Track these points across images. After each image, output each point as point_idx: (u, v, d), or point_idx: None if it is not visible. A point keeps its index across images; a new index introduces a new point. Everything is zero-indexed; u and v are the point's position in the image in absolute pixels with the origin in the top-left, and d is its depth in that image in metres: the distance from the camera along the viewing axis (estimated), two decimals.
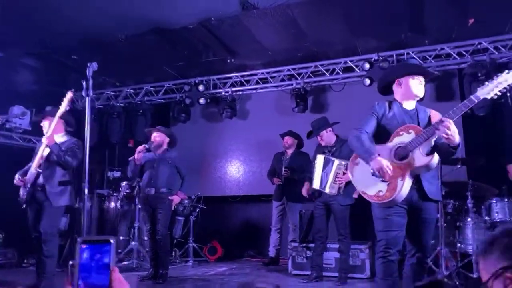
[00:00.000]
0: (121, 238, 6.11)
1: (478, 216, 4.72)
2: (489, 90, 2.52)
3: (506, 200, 4.59)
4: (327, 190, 4.43)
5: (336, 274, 4.67)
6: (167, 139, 4.89)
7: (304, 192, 4.94)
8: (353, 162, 2.91)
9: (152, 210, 4.67)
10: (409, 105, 2.88)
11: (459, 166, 4.61)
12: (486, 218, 4.68)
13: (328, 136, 4.69)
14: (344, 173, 4.32)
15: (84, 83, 2.99)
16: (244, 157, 7.36)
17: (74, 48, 6.00)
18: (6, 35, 5.53)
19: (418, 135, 2.64)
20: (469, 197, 4.65)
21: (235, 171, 7.39)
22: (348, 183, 4.34)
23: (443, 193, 4.57)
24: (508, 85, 2.50)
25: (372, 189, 2.72)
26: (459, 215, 4.89)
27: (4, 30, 5.41)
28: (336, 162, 4.38)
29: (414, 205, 2.72)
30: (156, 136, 4.79)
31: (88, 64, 3.00)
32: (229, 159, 7.46)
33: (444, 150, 2.68)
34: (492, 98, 2.55)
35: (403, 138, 2.71)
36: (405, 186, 2.62)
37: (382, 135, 2.81)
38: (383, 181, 2.67)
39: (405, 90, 2.85)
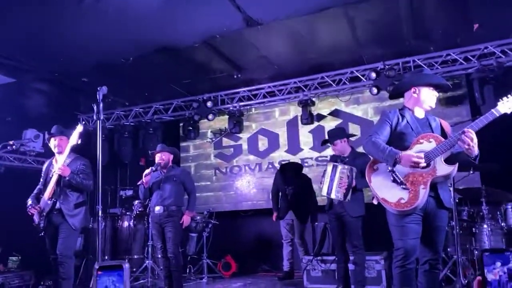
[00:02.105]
0: (135, 256, 6.13)
1: (494, 222, 4.65)
2: (510, 105, 2.59)
3: None
4: (332, 196, 4.30)
5: (353, 287, 4.60)
6: (171, 157, 4.94)
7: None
8: (371, 168, 2.87)
9: (162, 228, 4.68)
10: (420, 113, 2.92)
11: (471, 172, 4.55)
12: (503, 224, 4.60)
13: (342, 146, 4.61)
14: (348, 177, 4.23)
15: (95, 107, 3.08)
16: (254, 171, 7.38)
17: (84, 72, 6.13)
18: (19, 62, 5.68)
19: (440, 144, 2.66)
20: (484, 203, 4.60)
21: (246, 185, 7.40)
22: (355, 191, 4.29)
23: (457, 200, 4.51)
24: None
25: (393, 197, 2.70)
26: (475, 222, 4.82)
27: (16, 57, 5.57)
28: (340, 166, 4.27)
29: (428, 213, 2.73)
30: (162, 155, 4.84)
31: (98, 89, 3.09)
32: (240, 173, 7.48)
33: (462, 160, 2.71)
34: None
35: (423, 146, 2.71)
36: (426, 194, 2.64)
37: (395, 142, 2.80)
38: (403, 188, 2.67)
39: (420, 99, 2.88)
